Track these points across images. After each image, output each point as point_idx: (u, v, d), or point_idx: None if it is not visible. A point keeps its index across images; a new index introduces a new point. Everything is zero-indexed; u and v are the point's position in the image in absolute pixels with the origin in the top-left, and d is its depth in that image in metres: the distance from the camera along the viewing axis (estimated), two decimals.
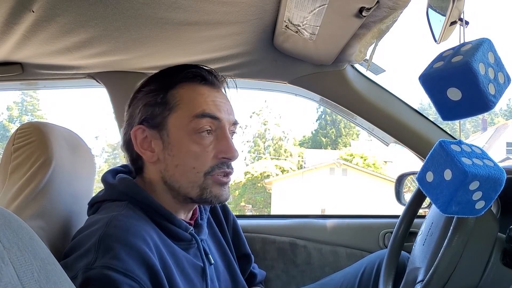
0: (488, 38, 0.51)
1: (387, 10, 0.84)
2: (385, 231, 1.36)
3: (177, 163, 0.76)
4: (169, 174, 0.77)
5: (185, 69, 0.80)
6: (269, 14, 0.95)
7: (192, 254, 0.78)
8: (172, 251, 0.73)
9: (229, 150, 0.77)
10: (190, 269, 0.75)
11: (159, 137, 0.77)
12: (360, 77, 1.25)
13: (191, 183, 0.76)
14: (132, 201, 0.76)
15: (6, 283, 0.35)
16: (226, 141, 0.77)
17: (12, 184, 0.81)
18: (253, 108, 30.57)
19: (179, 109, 0.76)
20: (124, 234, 0.66)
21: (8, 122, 28.27)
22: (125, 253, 0.64)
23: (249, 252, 1.02)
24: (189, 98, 0.77)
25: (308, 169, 19.11)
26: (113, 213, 0.71)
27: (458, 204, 0.53)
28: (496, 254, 0.74)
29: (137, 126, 0.78)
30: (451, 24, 0.66)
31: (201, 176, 0.76)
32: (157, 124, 0.77)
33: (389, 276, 0.95)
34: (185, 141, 0.75)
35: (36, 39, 1.02)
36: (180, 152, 0.76)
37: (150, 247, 0.67)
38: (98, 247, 0.64)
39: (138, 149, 0.78)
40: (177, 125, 0.76)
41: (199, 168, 0.76)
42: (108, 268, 0.62)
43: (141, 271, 0.64)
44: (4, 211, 0.41)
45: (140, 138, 0.78)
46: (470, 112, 0.51)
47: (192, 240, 0.79)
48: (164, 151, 0.77)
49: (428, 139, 1.23)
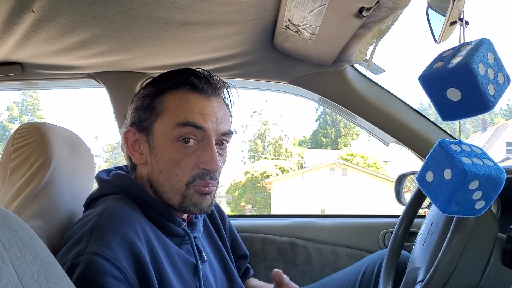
0: (488, 39, 0.51)
1: (387, 10, 0.84)
2: (385, 231, 1.36)
3: (161, 168, 0.77)
4: (155, 178, 0.78)
5: (177, 75, 0.79)
6: (269, 14, 0.95)
7: (185, 250, 0.79)
8: (165, 245, 0.74)
9: (210, 162, 0.75)
10: (182, 265, 0.76)
11: (146, 141, 0.79)
12: (360, 77, 1.25)
13: (173, 190, 0.76)
14: (127, 194, 0.77)
15: (6, 283, 0.35)
16: (209, 151, 0.76)
17: (12, 184, 0.81)
18: (254, 107, 30.56)
19: (165, 116, 0.76)
20: (116, 224, 0.67)
21: (8, 122, 28.28)
22: (115, 242, 0.65)
23: (246, 252, 1.04)
24: (175, 106, 0.76)
25: (308, 169, 19.10)
26: (107, 204, 0.73)
27: (458, 203, 0.53)
28: (496, 254, 0.74)
29: (128, 128, 0.80)
30: (451, 24, 0.66)
31: (183, 185, 0.76)
32: (145, 128, 0.78)
33: (389, 276, 0.95)
34: (168, 148, 0.76)
35: (36, 39, 1.02)
36: (163, 158, 0.76)
37: (140, 238, 0.68)
38: (90, 235, 0.66)
39: (128, 150, 0.80)
40: (161, 131, 0.76)
41: (181, 176, 0.76)
42: (97, 254, 0.63)
43: (128, 263, 0.65)
44: (4, 211, 0.41)
45: (131, 140, 0.80)
46: (470, 112, 0.51)
47: (185, 236, 0.80)
48: (151, 155, 0.78)
49: (428, 139, 1.23)
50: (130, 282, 0.64)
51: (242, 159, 29.04)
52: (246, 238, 1.31)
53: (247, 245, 1.08)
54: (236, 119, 0.83)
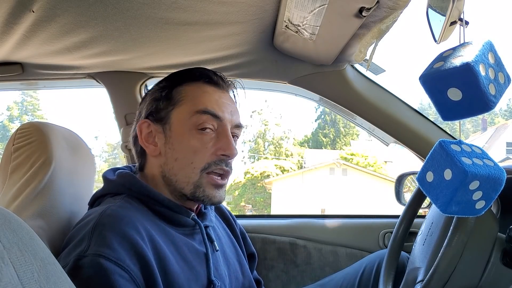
0: (489, 39, 0.51)
1: (387, 10, 0.84)
2: (385, 231, 1.36)
3: (176, 156, 0.78)
4: (168, 167, 0.79)
5: (193, 69, 0.84)
6: (269, 14, 0.95)
7: (197, 240, 0.80)
8: (172, 239, 0.74)
9: (228, 147, 0.78)
10: (192, 256, 0.76)
11: (162, 131, 0.80)
12: (360, 77, 1.25)
13: (186, 179, 0.78)
14: (130, 193, 0.78)
15: (6, 283, 0.35)
16: (226, 138, 0.79)
17: (12, 184, 0.81)
18: (254, 107, 30.54)
19: (183, 104, 0.79)
20: (117, 223, 0.67)
21: (8, 122, 28.28)
22: (117, 242, 0.65)
23: (254, 251, 1.05)
24: (193, 95, 0.80)
25: (308, 169, 19.10)
26: (108, 204, 0.73)
27: (458, 204, 0.53)
28: (496, 254, 0.74)
29: (143, 120, 0.82)
30: (451, 24, 0.66)
31: (198, 172, 0.78)
32: (161, 118, 0.80)
33: (389, 276, 0.95)
34: (186, 136, 0.78)
35: (36, 39, 1.02)
36: (181, 146, 0.78)
37: (142, 237, 0.68)
38: (91, 236, 0.66)
39: (142, 142, 0.81)
40: (179, 119, 0.79)
41: (196, 164, 0.77)
42: (100, 256, 0.63)
43: (132, 262, 0.65)
44: (4, 211, 0.41)
45: (145, 132, 0.81)
46: (471, 112, 0.51)
47: (196, 226, 0.81)
48: (166, 145, 0.80)
49: (428, 139, 1.23)
50: (136, 281, 0.64)
51: (242, 159, 29.06)
52: None
53: None
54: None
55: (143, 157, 0.84)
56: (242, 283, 0.88)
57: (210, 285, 0.75)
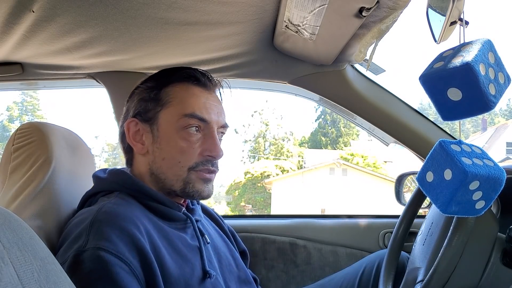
0: (488, 38, 0.51)
1: (387, 10, 0.84)
2: (385, 231, 1.36)
3: (164, 156, 0.80)
4: (156, 166, 0.81)
5: (181, 70, 0.84)
6: (269, 14, 0.95)
7: (189, 234, 0.81)
8: (165, 234, 0.75)
9: (214, 148, 0.81)
10: (186, 249, 0.77)
11: (149, 131, 0.81)
12: (360, 77, 1.25)
13: (175, 176, 0.80)
14: (123, 189, 0.79)
15: (6, 283, 0.35)
16: (212, 140, 0.81)
17: (12, 184, 0.81)
18: (255, 107, 30.54)
19: (171, 106, 0.80)
20: (114, 218, 0.68)
21: (8, 122, 28.28)
22: (115, 236, 0.65)
23: (245, 249, 1.05)
24: (181, 97, 0.81)
25: (308, 169, 19.09)
26: (103, 203, 0.74)
27: (458, 204, 0.53)
28: (496, 254, 0.74)
29: (131, 119, 0.83)
30: (451, 24, 0.66)
31: (185, 170, 0.79)
32: (149, 118, 0.81)
33: (389, 276, 0.95)
34: (173, 137, 0.79)
35: (36, 39, 1.02)
36: (168, 146, 0.80)
37: (140, 230, 0.69)
38: (89, 231, 0.66)
39: (130, 140, 0.83)
40: (167, 120, 0.80)
41: (184, 163, 0.79)
42: (100, 249, 0.63)
43: (131, 255, 0.65)
44: (4, 211, 0.41)
45: (133, 130, 0.82)
46: (470, 112, 0.51)
47: (187, 220, 0.82)
48: (154, 144, 0.81)
49: (428, 139, 1.23)
50: (135, 273, 0.65)
51: (242, 159, 29.06)
52: (246, 238, 1.31)
53: (247, 245, 1.08)
54: (236, 119, 0.87)
55: (130, 153, 0.85)
56: (238, 276, 0.89)
57: (206, 276, 0.76)
